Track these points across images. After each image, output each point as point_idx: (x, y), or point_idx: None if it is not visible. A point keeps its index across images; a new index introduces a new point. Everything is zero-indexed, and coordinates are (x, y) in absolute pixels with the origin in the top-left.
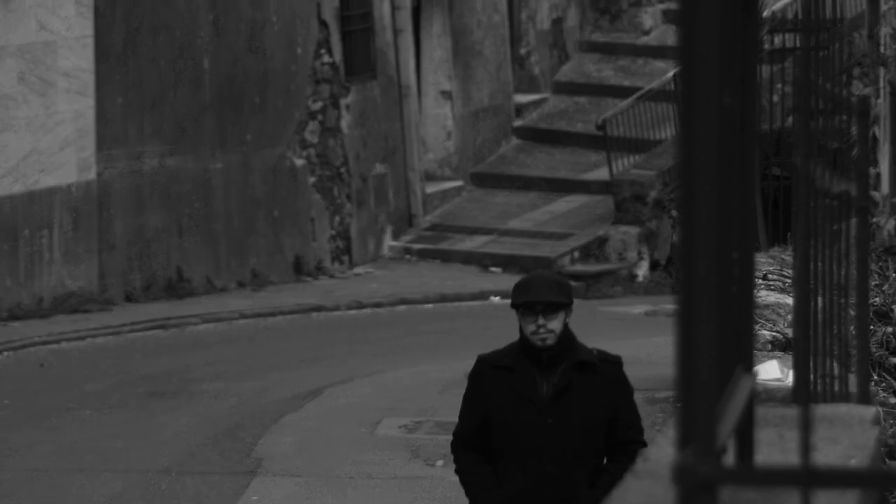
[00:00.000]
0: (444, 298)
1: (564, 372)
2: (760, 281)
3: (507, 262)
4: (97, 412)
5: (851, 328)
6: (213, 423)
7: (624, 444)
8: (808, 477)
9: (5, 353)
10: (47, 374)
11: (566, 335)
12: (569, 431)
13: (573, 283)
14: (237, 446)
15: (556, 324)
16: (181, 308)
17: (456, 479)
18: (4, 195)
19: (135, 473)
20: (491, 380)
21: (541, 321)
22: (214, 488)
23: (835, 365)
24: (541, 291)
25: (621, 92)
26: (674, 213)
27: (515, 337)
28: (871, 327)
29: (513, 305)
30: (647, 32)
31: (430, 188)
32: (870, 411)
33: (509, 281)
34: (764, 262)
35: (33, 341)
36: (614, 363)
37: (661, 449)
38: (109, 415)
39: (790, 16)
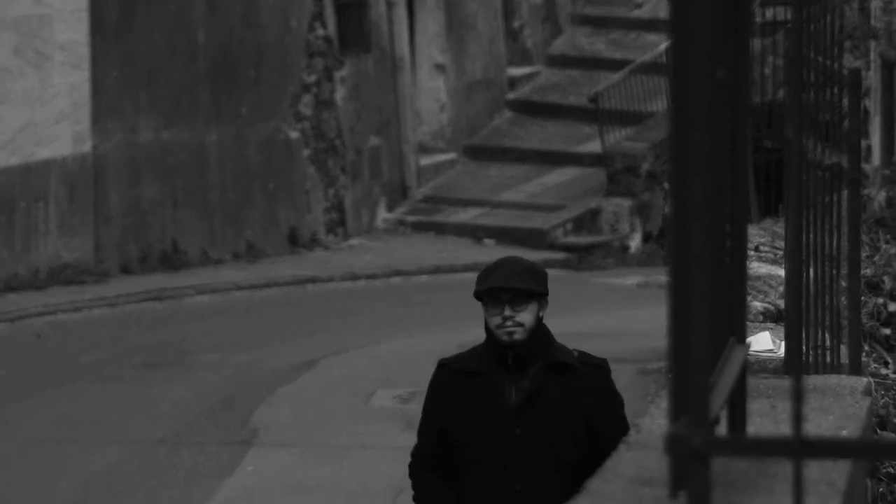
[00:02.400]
0: (438, 270)
1: (536, 374)
2: (752, 252)
3: (501, 234)
4: (93, 383)
5: (843, 299)
6: (209, 394)
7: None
8: (800, 447)
9: (1, 325)
10: (43, 346)
11: (540, 331)
12: (540, 443)
13: (565, 255)
14: (233, 417)
15: (526, 316)
16: (176, 280)
17: None
18: (0, 167)
19: (131, 444)
20: (452, 387)
21: (507, 312)
22: (210, 459)
23: (826, 336)
24: (508, 277)
25: (613, 65)
26: (666, 185)
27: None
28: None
29: (476, 295)
30: (639, 5)
31: (424, 161)
32: (861, 382)
33: (503, 252)
34: (756, 234)
35: (29, 312)
36: (598, 367)
37: (654, 420)
38: (105, 386)
39: None
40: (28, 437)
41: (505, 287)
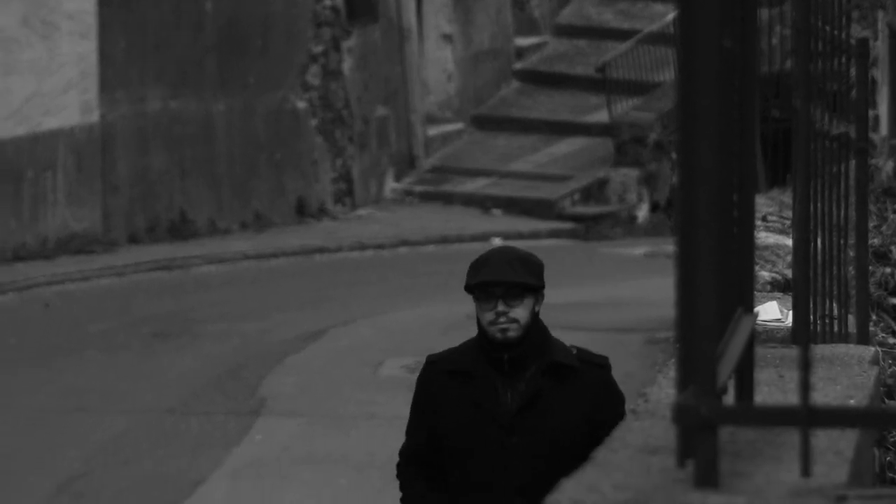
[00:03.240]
0: (445, 240)
1: (533, 377)
2: (760, 222)
3: (508, 204)
4: (101, 353)
5: (851, 269)
6: (217, 364)
7: None
8: (808, 416)
9: (10, 294)
10: (52, 315)
11: (536, 329)
12: (538, 453)
13: (572, 226)
14: (241, 386)
15: (520, 312)
16: (184, 249)
17: None
18: (8, 137)
19: (139, 413)
20: (442, 388)
21: (501, 308)
22: (218, 428)
23: (834, 305)
24: (501, 270)
25: (621, 35)
26: (674, 154)
27: None
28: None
29: (467, 288)
30: None
31: (432, 131)
32: (869, 351)
33: (510, 223)
34: (763, 204)
35: (38, 282)
36: (599, 366)
37: (662, 389)
38: (113, 355)
39: None
40: (36, 406)
41: (497, 281)
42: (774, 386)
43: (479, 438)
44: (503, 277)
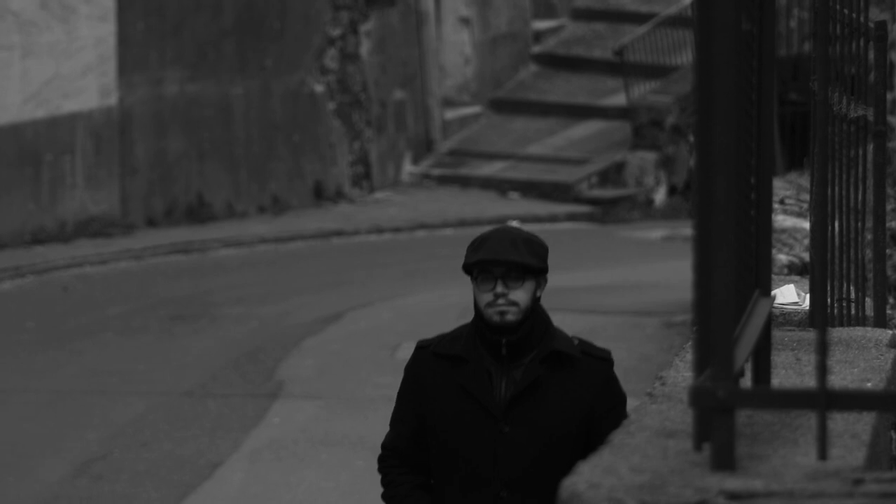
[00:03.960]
0: (462, 223)
1: (531, 365)
2: (777, 205)
3: (526, 187)
4: (119, 335)
5: (868, 252)
6: (235, 347)
7: None
8: (825, 399)
9: (29, 277)
10: (70, 298)
11: (537, 315)
12: (531, 445)
13: (590, 209)
14: (259, 369)
15: (520, 295)
16: (202, 233)
17: None
18: (27, 120)
19: (157, 396)
20: (432, 374)
21: (500, 289)
22: (236, 410)
23: (851, 289)
24: (502, 249)
25: (638, 18)
26: (691, 138)
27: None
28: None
29: (465, 268)
30: None
31: (449, 114)
32: (886, 334)
33: (528, 206)
34: (781, 187)
35: (56, 265)
36: (601, 359)
37: (679, 372)
38: (131, 338)
39: None
40: (55, 388)
41: (497, 260)
42: (791, 369)
43: (469, 428)
44: (503, 257)
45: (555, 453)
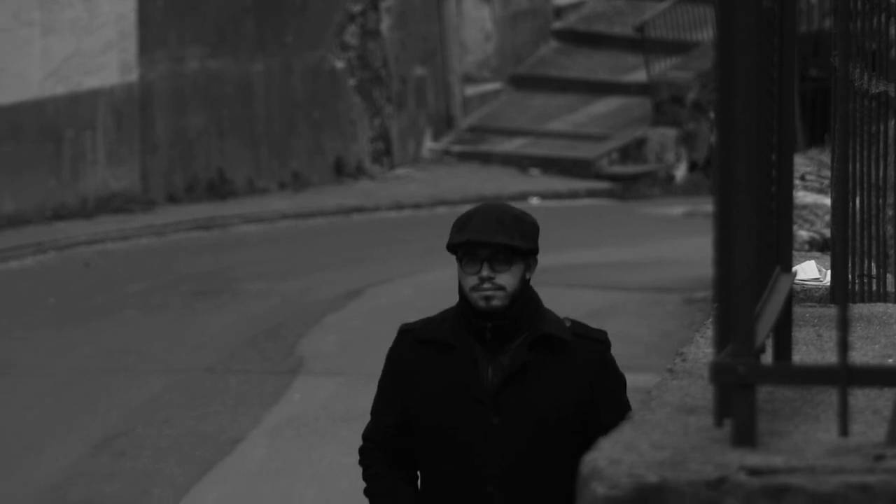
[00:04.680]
0: (483, 200)
1: (519, 350)
2: (798, 181)
3: (546, 164)
4: (140, 312)
5: (889, 228)
6: (256, 323)
7: None
8: (846, 375)
9: (50, 253)
10: (91, 274)
11: (525, 297)
12: (522, 436)
13: (610, 185)
14: (279, 346)
15: (508, 278)
16: (223, 209)
17: None
18: (48, 96)
19: (178, 372)
20: (416, 361)
21: (485, 272)
22: (257, 387)
23: (873, 265)
24: (488, 229)
25: None
26: (712, 114)
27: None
28: None
29: (449, 247)
30: None
31: (470, 90)
32: None
33: (548, 182)
34: (802, 163)
35: (78, 241)
36: (596, 341)
37: (699, 349)
38: (152, 315)
39: None
40: (76, 365)
41: (483, 241)
42: (812, 345)
43: (455, 418)
44: (489, 238)
45: (548, 443)
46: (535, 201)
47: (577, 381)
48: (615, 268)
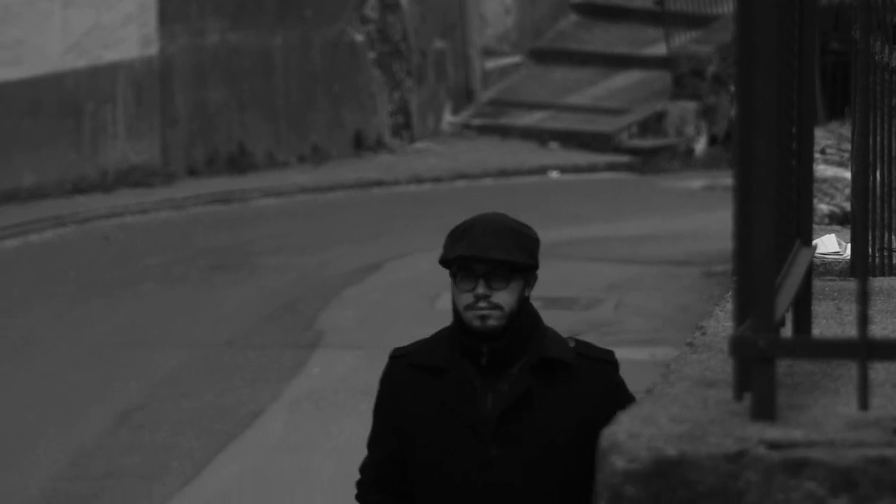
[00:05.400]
0: (503, 173)
1: (521, 376)
2: (818, 155)
3: (566, 138)
4: (160, 285)
5: None
6: (275, 297)
7: None
8: (866, 349)
9: (70, 227)
10: (111, 248)
11: (525, 316)
12: (522, 469)
13: (630, 159)
14: (298, 319)
15: (505, 297)
16: (242, 182)
17: None
18: (68, 70)
19: (196, 346)
20: (410, 388)
21: (481, 290)
22: (276, 361)
23: (892, 238)
24: (485, 243)
25: None
26: (732, 88)
27: (573, 216)
28: None
29: (442, 262)
30: None
31: (489, 64)
32: None
33: (568, 156)
34: (822, 137)
35: (97, 214)
36: (603, 362)
37: (719, 322)
38: (172, 288)
39: None
40: (95, 338)
41: (479, 257)
42: (832, 319)
43: (452, 449)
44: (486, 254)
45: (550, 476)
46: (554, 175)
47: (584, 408)
48: (634, 241)
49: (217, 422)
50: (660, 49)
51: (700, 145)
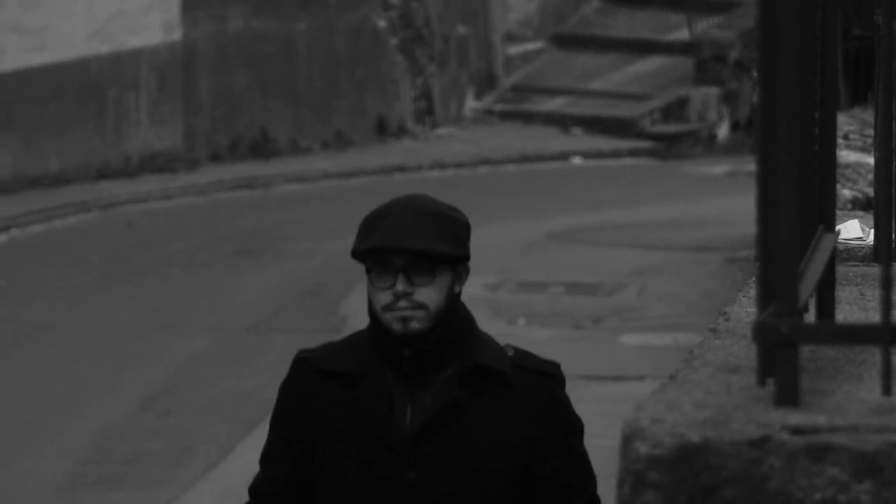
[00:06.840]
0: (525, 159)
1: (446, 385)
2: (841, 140)
3: (589, 123)
4: (184, 270)
5: None
6: (299, 282)
7: None
8: (889, 334)
9: (94, 212)
10: (135, 233)
11: (454, 317)
12: (446, 494)
13: (652, 144)
14: (322, 305)
15: (430, 294)
16: (266, 168)
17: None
18: (91, 56)
19: (221, 331)
20: (315, 398)
21: (401, 286)
22: (300, 346)
23: None
24: (402, 231)
25: None
26: (755, 73)
27: (589, 205)
28: None
29: (354, 254)
30: None
31: (512, 49)
32: None
33: (590, 141)
34: (844, 122)
35: (121, 200)
36: (543, 374)
37: (742, 308)
38: (195, 274)
39: None
40: (120, 323)
41: (396, 248)
42: (855, 304)
43: (362, 473)
44: (403, 244)
45: (477, 502)
46: (577, 160)
47: (518, 425)
48: (657, 227)
49: (241, 406)
50: (682, 34)
51: (722, 131)
